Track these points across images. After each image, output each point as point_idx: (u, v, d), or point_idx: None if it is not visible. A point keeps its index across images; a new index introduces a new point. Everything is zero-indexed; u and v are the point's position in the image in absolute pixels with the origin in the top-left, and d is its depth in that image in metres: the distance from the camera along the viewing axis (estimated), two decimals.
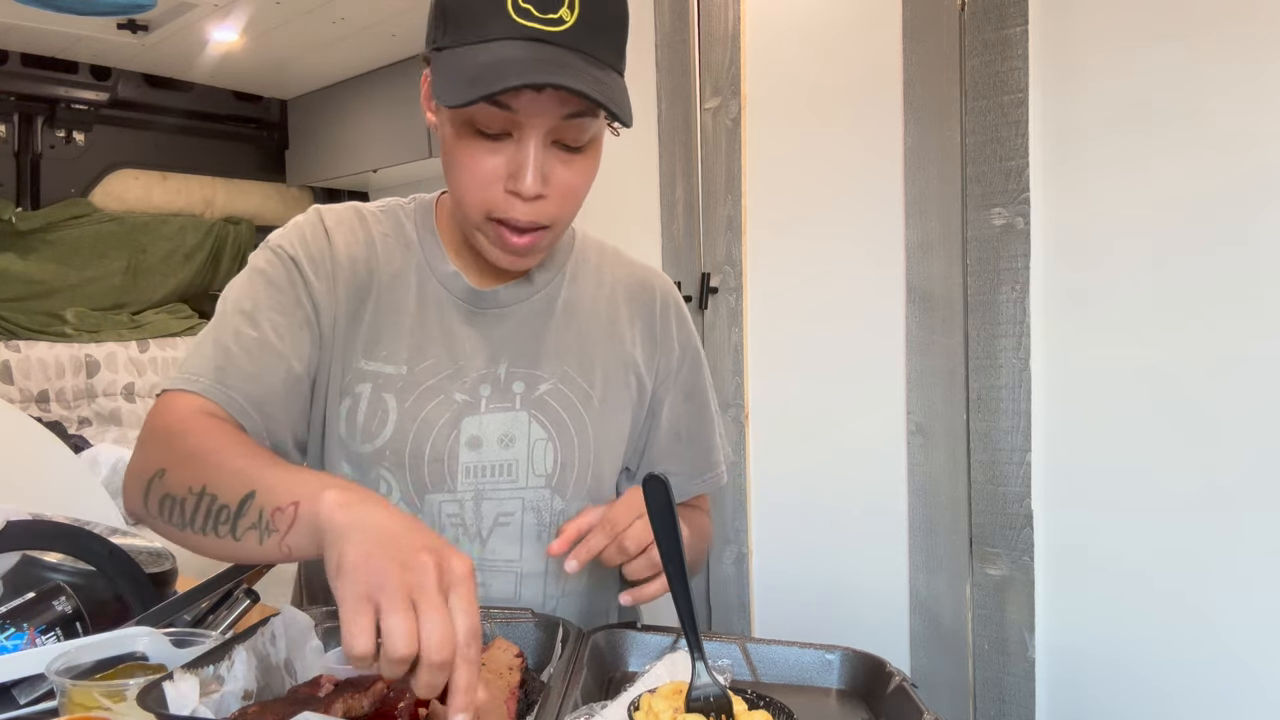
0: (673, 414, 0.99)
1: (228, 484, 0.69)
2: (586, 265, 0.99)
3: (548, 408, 0.91)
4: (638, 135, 2.00)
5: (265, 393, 0.83)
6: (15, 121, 4.20)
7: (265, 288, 0.87)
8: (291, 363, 0.85)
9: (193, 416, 0.78)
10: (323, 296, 0.88)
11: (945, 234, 1.56)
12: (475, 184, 0.80)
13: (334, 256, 0.90)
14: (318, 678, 0.63)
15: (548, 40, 0.74)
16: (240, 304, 0.86)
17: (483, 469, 0.90)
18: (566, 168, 0.80)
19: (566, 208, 0.84)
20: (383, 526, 0.58)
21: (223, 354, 0.83)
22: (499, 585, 0.91)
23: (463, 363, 0.90)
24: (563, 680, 0.67)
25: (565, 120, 0.77)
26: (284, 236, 0.90)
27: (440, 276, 0.92)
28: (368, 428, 0.88)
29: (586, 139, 0.80)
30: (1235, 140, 1.27)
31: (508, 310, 0.93)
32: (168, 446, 0.76)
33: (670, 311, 1.01)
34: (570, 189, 0.82)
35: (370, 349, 0.89)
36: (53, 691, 0.67)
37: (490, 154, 0.78)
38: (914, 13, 1.59)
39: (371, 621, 0.54)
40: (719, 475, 1.01)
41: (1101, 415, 1.41)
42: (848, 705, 0.72)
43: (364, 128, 4.55)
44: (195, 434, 0.75)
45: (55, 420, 3.88)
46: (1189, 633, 1.33)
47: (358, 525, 0.59)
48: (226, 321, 0.85)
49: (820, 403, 1.76)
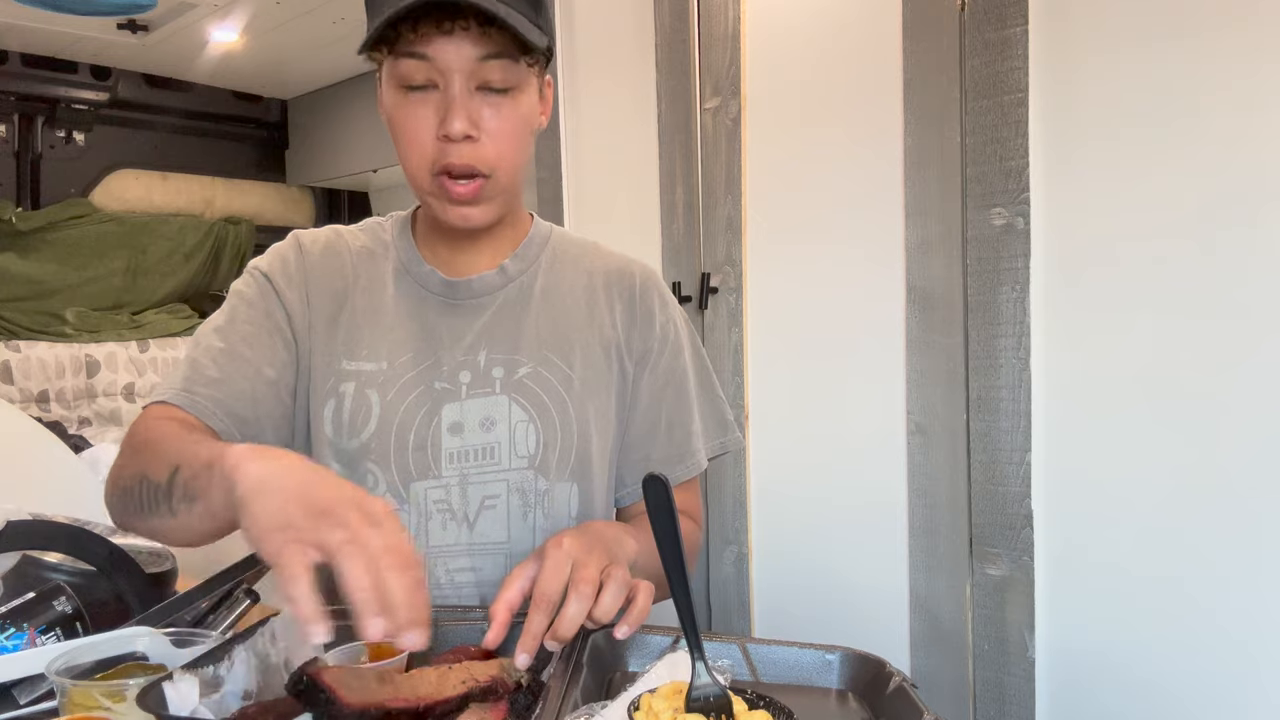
0: (650, 399, 0.99)
1: (159, 466, 0.74)
2: (565, 257, 1.01)
3: (527, 390, 0.93)
4: (638, 135, 2.00)
5: (232, 396, 0.88)
6: (15, 121, 4.20)
7: (239, 305, 0.94)
8: (262, 368, 0.90)
9: (156, 422, 0.84)
10: (295, 304, 0.94)
11: (945, 234, 1.56)
12: (412, 139, 0.85)
13: (308, 267, 0.96)
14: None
15: None
16: (215, 322, 0.93)
17: (466, 453, 0.92)
18: (495, 111, 0.84)
19: (503, 152, 0.86)
20: (297, 481, 0.60)
21: (191, 366, 0.89)
22: (490, 567, 0.93)
23: (442, 354, 0.93)
24: (562, 680, 0.67)
25: (483, 62, 0.81)
26: (261, 259, 0.98)
27: (416, 275, 0.96)
28: (352, 424, 0.91)
29: (513, 82, 0.84)
30: (1235, 140, 1.27)
31: (483, 300, 0.96)
32: (128, 448, 0.83)
33: (651, 293, 1.01)
34: (502, 132, 0.85)
35: (351, 350, 0.93)
36: (53, 691, 0.67)
37: (420, 106, 0.83)
38: (914, 13, 1.59)
39: (307, 559, 0.55)
40: (696, 464, 1.00)
41: (1101, 415, 1.41)
42: (848, 705, 0.72)
43: (364, 128, 4.55)
44: (148, 432, 0.82)
45: (55, 420, 3.88)
46: (1189, 633, 1.33)
47: (270, 480, 0.60)
48: (200, 340, 0.92)
49: (820, 403, 1.76)
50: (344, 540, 0.55)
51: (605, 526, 0.85)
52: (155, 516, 0.74)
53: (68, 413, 4.11)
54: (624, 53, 2.01)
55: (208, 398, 0.86)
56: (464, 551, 0.92)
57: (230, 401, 0.87)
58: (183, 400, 0.86)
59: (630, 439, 1.00)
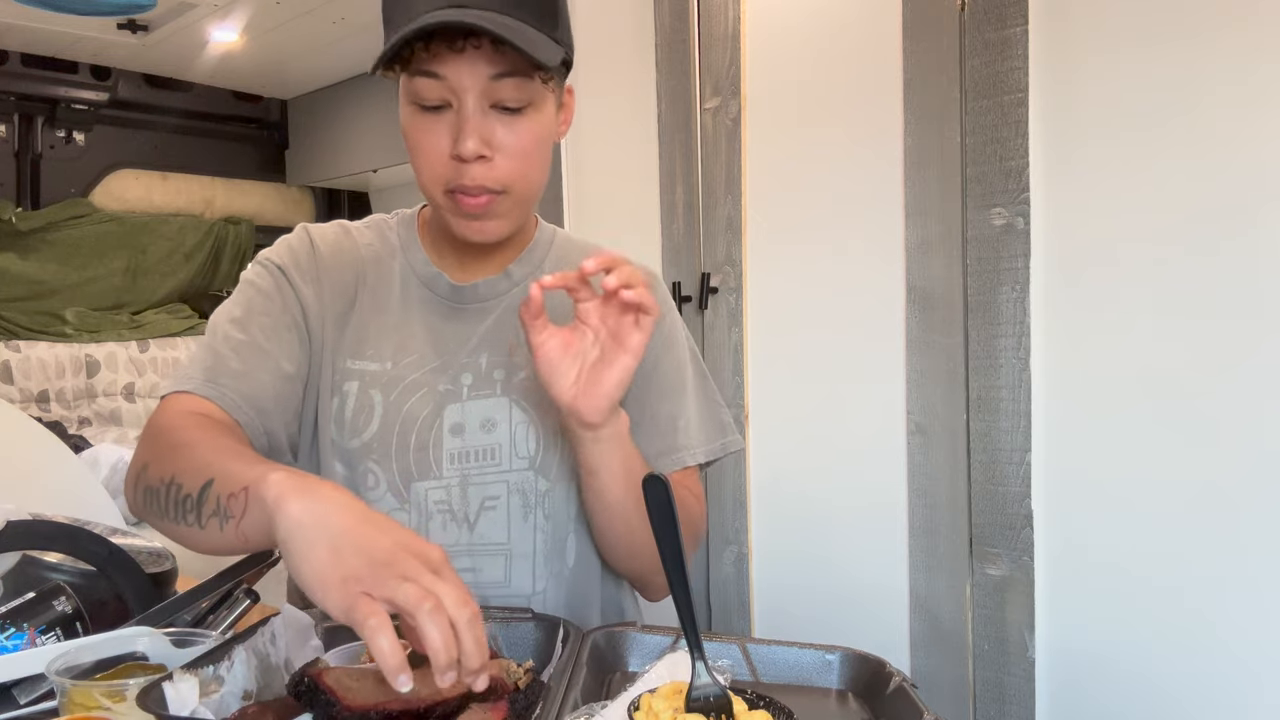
0: (643, 393, 0.98)
1: (192, 474, 0.72)
2: (567, 261, 1.01)
3: (528, 392, 0.93)
4: (638, 135, 2.00)
5: (256, 389, 0.87)
6: (15, 121, 4.20)
7: (254, 296, 0.92)
8: (280, 362, 0.90)
9: (183, 415, 0.82)
10: (310, 301, 0.93)
11: (945, 234, 1.56)
12: (427, 159, 0.84)
13: (320, 264, 0.95)
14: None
15: (466, 4, 0.78)
16: (231, 313, 0.91)
17: (466, 454, 0.92)
18: (508, 130, 0.84)
19: (516, 171, 0.86)
20: (343, 525, 0.60)
21: (213, 356, 0.87)
22: (489, 568, 0.93)
23: (446, 356, 0.94)
24: (563, 680, 0.67)
25: (496, 80, 0.81)
26: (272, 250, 0.96)
27: (423, 278, 0.96)
28: (355, 424, 0.91)
29: (526, 99, 0.83)
30: (1236, 140, 1.27)
31: (488, 305, 0.96)
32: (154, 443, 0.81)
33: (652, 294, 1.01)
34: (515, 150, 0.85)
35: (357, 349, 0.93)
36: (53, 691, 0.67)
37: (435, 124, 0.83)
38: (914, 13, 1.59)
39: (382, 613, 0.55)
40: (680, 458, 0.99)
41: (1101, 415, 1.41)
42: (848, 705, 0.72)
43: (364, 128, 4.55)
44: (178, 430, 0.80)
45: (55, 420, 3.88)
46: (1189, 633, 1.33)
47: (315, 524, 0.60)
48: (218, 330, 0.90)
49: (820, 403, 1.76)
50: (419, 597, 0.55)
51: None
52: (181, 524, 0.73)
53: (68, 413, 4.11)
54: (624, 53, 2.01)
55: (234, 390, 0.85)
56: (464, 552, 0.92)
57: (255, 396, 0.87)
58: (210, 392, 0.84)
59: None
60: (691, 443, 0.99)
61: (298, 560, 0.59)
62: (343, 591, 0.56)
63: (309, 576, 0.58)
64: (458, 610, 0.56)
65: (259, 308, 0.91)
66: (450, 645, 0.55)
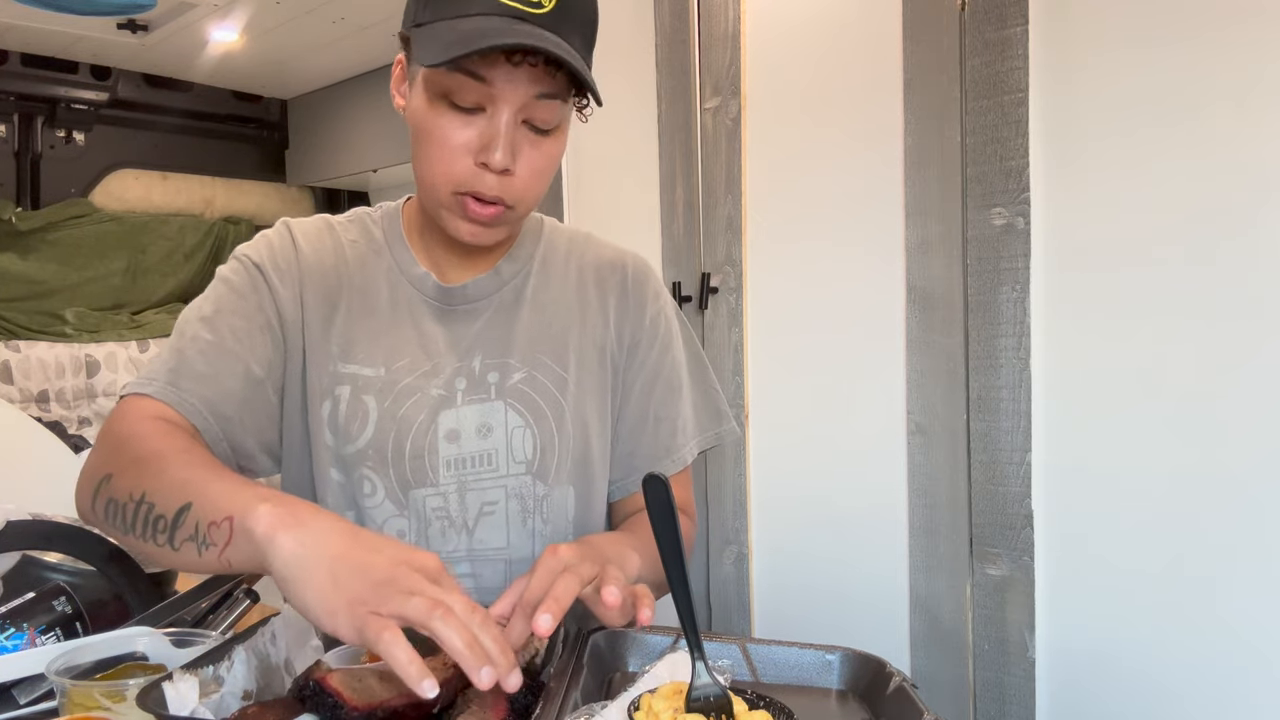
0: (639, 393, 0.99)
1: (166, 493, 0.70)
2: (556, 254, 1.00)
3: (523, 395, 0.92)
4: (638, 135, 2.00)
5: (220, 394, 0.84)
6: (15, 121, 4.20)
7: (227, 294, 0.90)
8: (250, 365, 0.87)
9: (144, 421, 0.79)
10: (287, 302, 0.91)
11: (945, 234, 1.56)
12: (446, 157, 0.82)
13: (301, 263, 0.92)
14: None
15: (526, 19, 0.77)
16: (201, 310, 0.89)
17: (463, 460, 0.91)
18: (534, 149, 0.83)
19: (531, 189, 0.85)
20: (336, 549, 0.60)
21: (177, 357, 0.85)
22: (489, 574, 0.92)
23: (438, 360, 0.92)
24: (563, 680, 0.67)
25: (537, 99, 0.80)
26: (250, 246, 0.94)
27: (410, 278, 0.94)
28: (349, 429, 0.89)
29: (555, 122, 0.83)
30: (1236, 140, 1.27)
31: (478, 305, 0.94)
32: (116, 451, 0.78)
33: (643, 285, 1.00)
34: (536, 170, 0.84)
35: (346, 352, 0.91)
36: (53, 691, 0.67)
37: (463, 126, 0.81)
38: (914, 13, 1.59)
39: (394, 627, 0.55)
40: (681, 459, 0.99)
41: (1102, 415, 1.41)
42: (848, 706, 0.72)
43: (364, 128, 4.55)
44: (142, 439, 0.77)
45: (55, 420, 3.89)
46: (1189, 632, 1.33)
47: (309, 553, 0.60)
48: (187, 328, 0.87)
49: (820, 403, 1.76)
50: (429, 608, 0.56)
51: (606, 541, 0.84)
52: (150, 543, 0.70)
53: (68, 413, 4.11)
54: (624, 53, 2.01)
55: (196, 395, 0.83)
56: (464, 558, 0.92)
57: (218, 401, 0.84)
58: (170, 396, 0.82)
59: (617, 434, 0.99)
60: (683, 443, 1.00)
61: (300, 591, 0.59)
62: (350, 614, 0.57)
63: (314, 607, 0.58)
64: (468, 615, 0.57)
65: (230, 307, 0.88)
66: (474, 645, 0.55)
